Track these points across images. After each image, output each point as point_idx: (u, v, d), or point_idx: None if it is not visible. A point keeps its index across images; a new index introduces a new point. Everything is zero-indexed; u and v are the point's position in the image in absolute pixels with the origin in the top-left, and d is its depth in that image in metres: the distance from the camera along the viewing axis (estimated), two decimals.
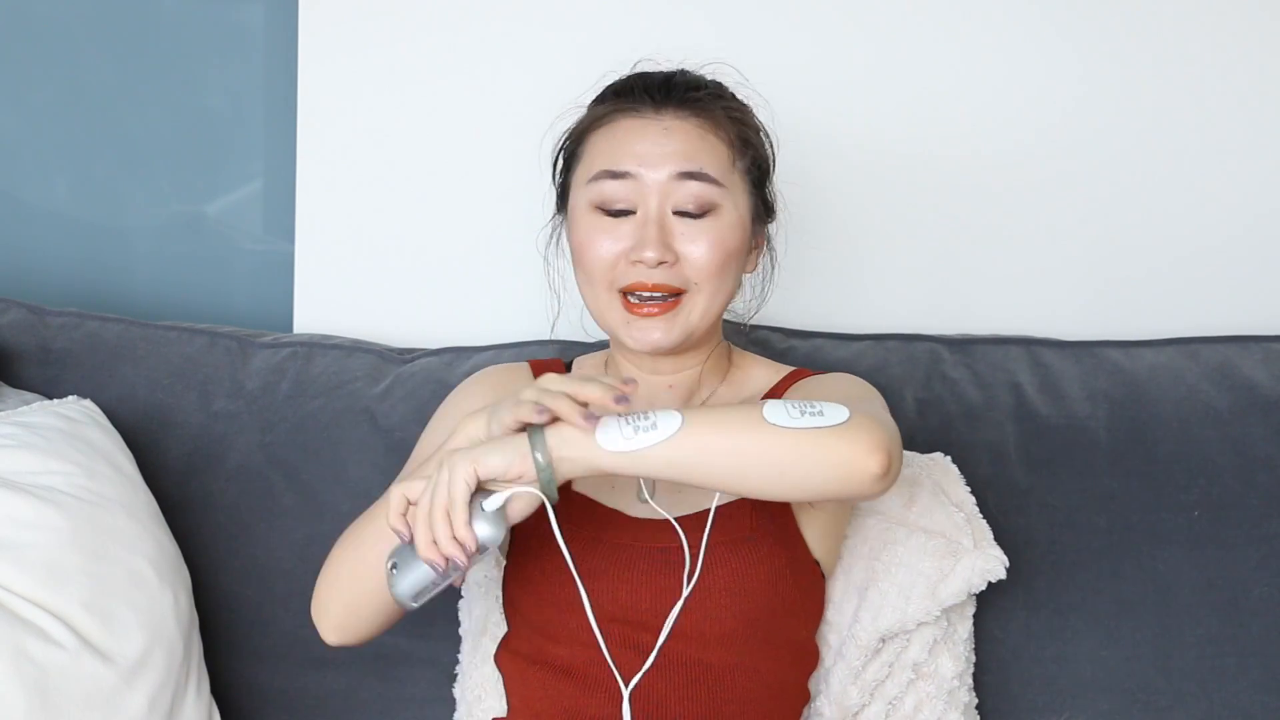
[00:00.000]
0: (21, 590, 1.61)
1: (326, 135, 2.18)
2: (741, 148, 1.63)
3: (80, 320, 2.04)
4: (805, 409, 1.41)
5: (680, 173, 1.58)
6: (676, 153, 1.59)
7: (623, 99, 1.64)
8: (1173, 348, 1.97)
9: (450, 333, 2.12)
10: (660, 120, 1.61)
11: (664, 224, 1.58)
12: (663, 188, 1.59)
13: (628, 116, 1.62)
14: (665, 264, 1.58)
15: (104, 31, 2.27)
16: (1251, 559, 1.84)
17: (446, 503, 1.40)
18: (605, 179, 1.60)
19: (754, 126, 1.67)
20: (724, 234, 1.60)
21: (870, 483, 1.41)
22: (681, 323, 1.61)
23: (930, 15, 2.13)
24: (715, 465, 1.41)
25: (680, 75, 1.66)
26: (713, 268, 1.59)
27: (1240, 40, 2.12)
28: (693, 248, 1.59)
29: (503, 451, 1.41)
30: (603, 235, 1.60)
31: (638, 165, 1.59)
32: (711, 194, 1.59)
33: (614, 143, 1.61)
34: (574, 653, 1.59)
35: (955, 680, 1.73)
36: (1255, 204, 2.14)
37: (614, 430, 1.40)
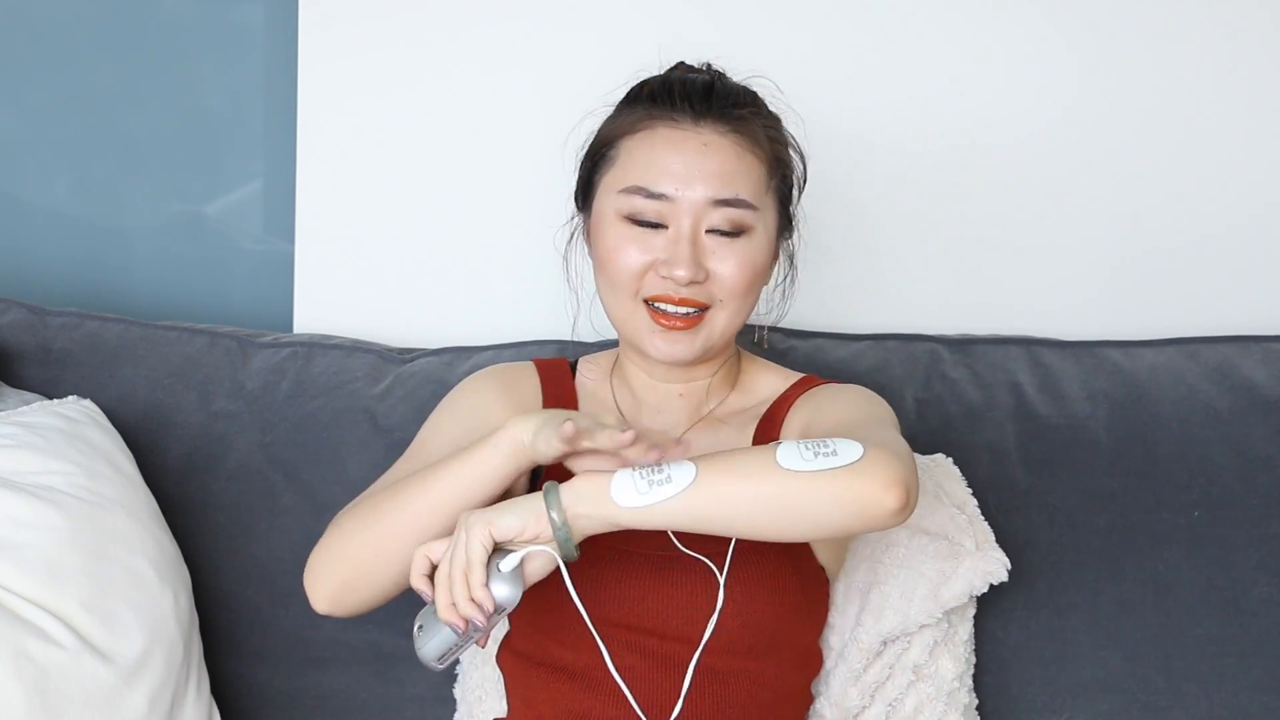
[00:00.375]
0: (21, 590, 1.61)
1: (326, 135, 2.18)
2: (776, 167, 1.63)
3: (80, 320, 2.04)
4: (819, 449, 1.41)
5: (718, 199, 1.57)
6: (714, 174, 1.57)
7: (660, 105, 1.61)
8: (1173, 348, 1.97)
9: (450, 333, 2.12)
10: (699, 134, 1.59)
11: (697, 242, 1.57)
12: (697, 209, 1.57)
13: (666, 126, 1.60)
14: (695, 282, 1.57)
15: (104, 31, 2.26)
16: (1251, 559, 1.84)
17: (465, 565, 1.41)
18: (639, 196, 1.58)
19: (788, 145, 1.66)
20: (754, 254, 1.59)
21: (888, 518, 1.40)
22: (704, 337, 1.60)
23: (927, 16, 2.13)
24: (731, 514, 1.41)
25: (720, 83, 1.63)
26: (741, 287, 1.59)
27: (1240, 40, 2.12)
28: (723, 266, 1.58)
29: (518, 512, 1.42)
30: (632, 245, 1.59)
31: (674, 187, 1.57)
32: (746, 217, 1.59)
33: (651, 155, 1.59)
34: (577, 655, 1.59)
35: (955, 681, 1.73)
36: (1255, 204, 2.14)
37: (628, 485, 1.40)
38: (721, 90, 1.62)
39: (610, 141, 1.63)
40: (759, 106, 1.64)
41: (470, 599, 1.41)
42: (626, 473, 1.41)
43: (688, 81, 1.62)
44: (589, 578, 1.58)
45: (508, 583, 1.43)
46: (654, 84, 1.64)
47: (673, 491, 1.40)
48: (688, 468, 1.41)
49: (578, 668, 1.59)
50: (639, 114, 1.62)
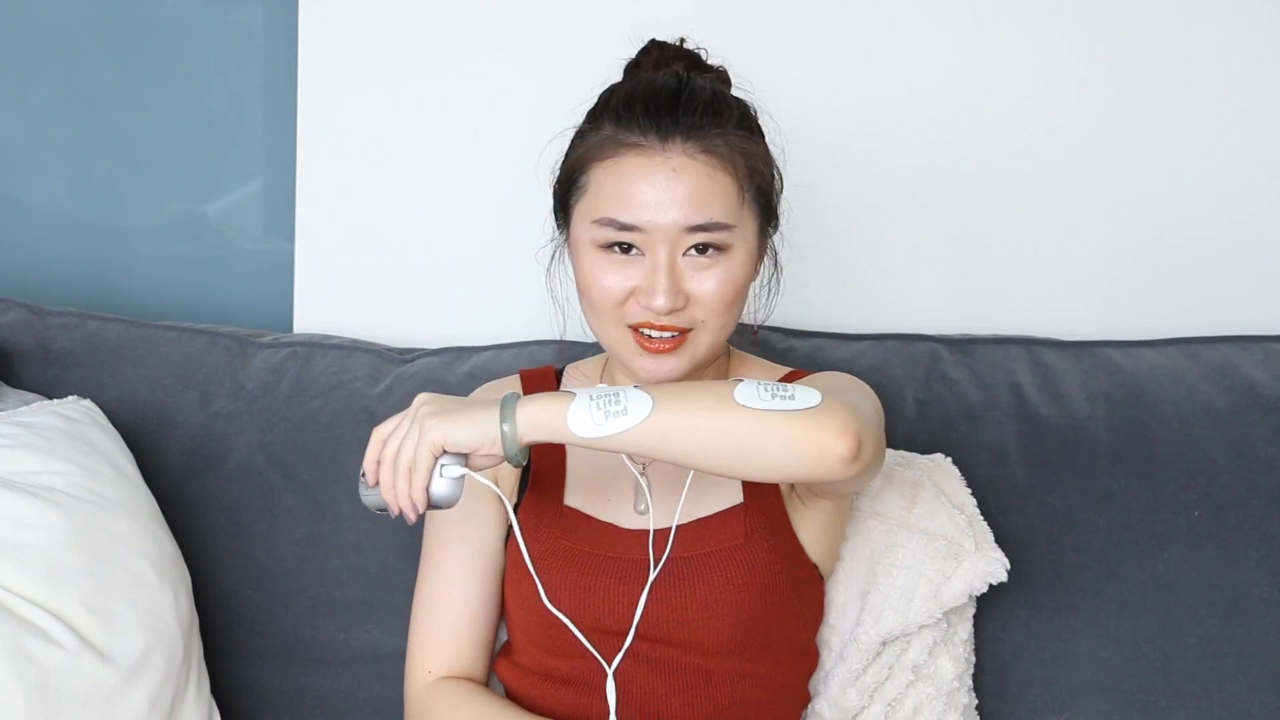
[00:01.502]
0: (21, 590, 1.61)
1: (326, 135, 2.18)
2: (751, 177, 1.58)
3: (80, 320, 2.04)
4: (777, 391, 1.41)
5: (692, 225, 1.54)
6: (685, 200, 1.53)
7: (625, 128, 1.56)
8: (1173, 348, 1.97)
9: (450, 333, 2.12)
10: (668, 159, 1.54)
11: (674, 269, 1.54)
12: (672, 237, 1.54)
13: (633, 154, 1.55)
14: (675, 310, 1.55)
15: (104, 31, 2.26)
16: (1251, 559, 1.84)
17: (409, 463, 1.42)
18: (611, 228, 1.55)
19: (760, 152, 1.60)
20: (734, 272, 1.56)
21: (838, 465, 1.40)
22: (690, 354, 1.58)
23: (930, 16, 2.13)
24: (683, 446, 1.41)
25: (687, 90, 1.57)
26: (722, 305, 1.56)
27: (1240, 40, 2.12)
28: (702, 288, 1.55)
29: (473, 427, 1.42)
30: (610, 274, 1.56)
31: (647, 217, 1.53)
32: (722, 238, 1.55)
33: (620, 186, 1.55)
34: (573, 664, 1.60)
35: (955, 681, 1.73)
36: (1255, 204, 2.14)
37: (585, 415, 1.40)
38: (689, 100, 1.56)
39: (580, 168, 1.59)
40: (725, 112, 1.58)
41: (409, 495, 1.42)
42: (584, 398, 1.41)
43: (652, 93, 1.57)
44: (580, 586, 1.59)
45: (448, 486, 1.44)
46: (619, 98, 1.59)
47: (629, 424, 1.40)
48: (644, 400, 1.41)
49: (574, 676, 1.60)
50: (605, 137, 1.57)
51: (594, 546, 1.60)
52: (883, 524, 1.74)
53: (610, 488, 1.64)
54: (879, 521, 1.75)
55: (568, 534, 1.61)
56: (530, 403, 1.42)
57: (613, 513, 1.63)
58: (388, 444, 1.44)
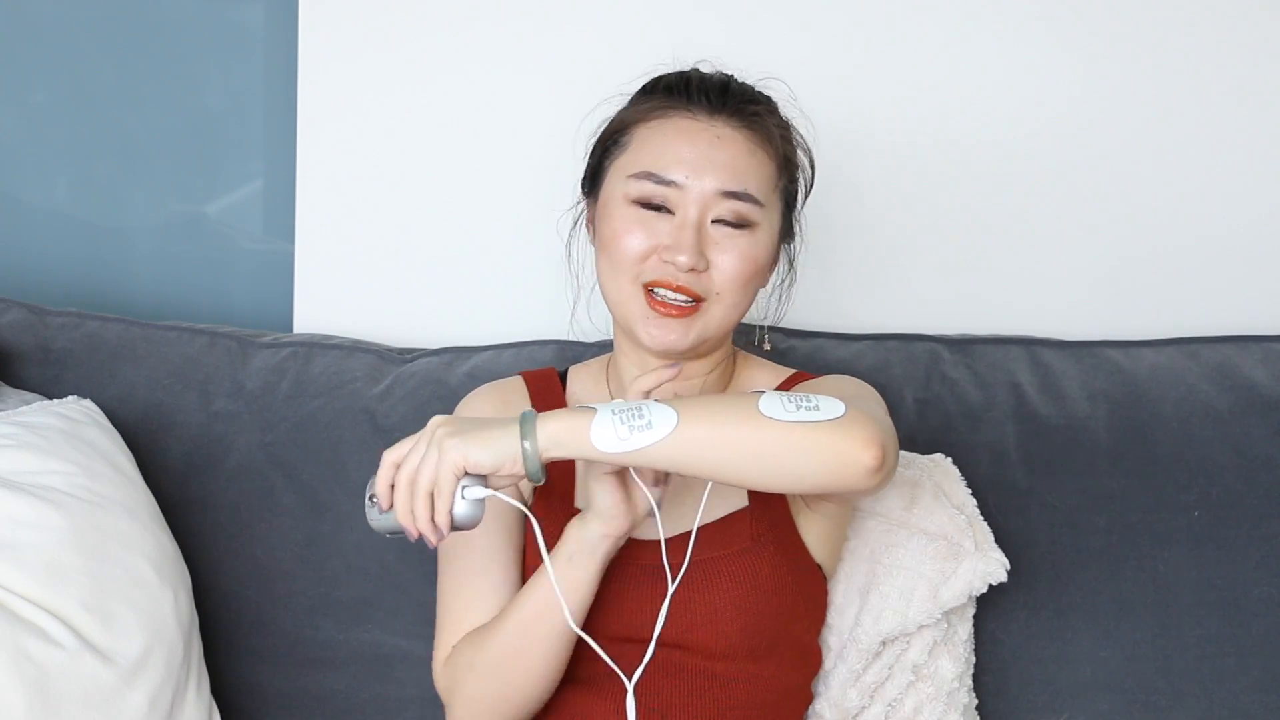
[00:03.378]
0: (21, 590, 1.61)
1: (326, 135, 2.18)
2: (785, 168, 1.64)
3: (80, 320, 2.04)
4: (801, 403, 1.41)
5: (727, 190, 1.58)
6: (725, 166, 1.58)
7: (676, 97, 1.62)
8: (1173, 348, 1.97)
9: (450, 333, 2.12)
10: (713, 127, 1.60)
11: (702, 231, 1.58)
12: (705, 199, 1.58)
13: (681, 116, 1.61)
14: (695, 270, 1.57)
15: (104, 31, 2.26)
16: (1251, 559, 1.84)
17: (430, 486, 1.39)
18: (649, 181, 1.59)
19: (798, 147, 1.67)
20: (756, 250, 1.59)
21: (864, 476, 1.40)
22: (699, 328, 1.59)
23: (932, 19, 2.13)
24: (710, 461, 1.40)
25: (735, 83, 1.65)
26: (739, 280, 1.59)
27: (1240, 40, 2.12)
28: (724, 258, 1.58)
29: (494, 448, 1.39)
30: (638, 228, 1.59)
31: (685, 174, 1.57)
32: (752, 212, 1.59)
33: (664, 143, 1.60)
34: (583, 667, 1.60)
35: (955, 681, 1.73)
36: (1255, 204, 2.14)
37: (609, 429, 1.39)
38: (737, 88, 1.64)
39: (624, 128, 1.64)
40: (773, 107, 1.66)
41: (431, 519, 1.40)
42: (607, 413, 1.40)
43: (705, 78, 1.64)
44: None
45: (470, 507, 1.41)
46: (670, 77, 1.65)
47: (653, 438, 1.38)
48: (669, 414, 1.39)
49: (582, 676, 1.60)
50: (654, 103, 1.63)
51: None
52: (882, 524, 1.75)
53: None
54: (879, 521, 1.75)
55: None
56: (550, 419, 1.40)
57: None
58: (403, 468, 1.41)
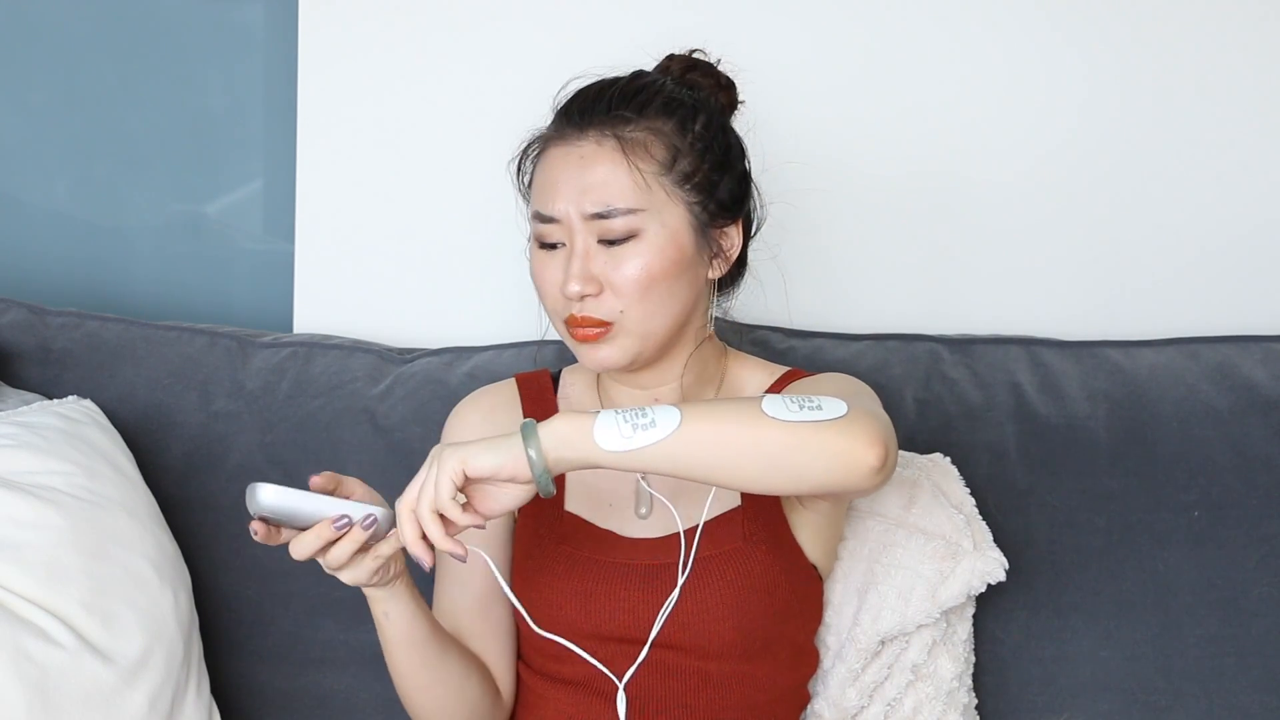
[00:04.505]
0: (21, 590, 1.61)
1: (326, 135, 2.18)
2: (668, 163, 1.58)
3: (80, 320, 2.04)
4: (804, 403, 1.40)
5: (592, 214, 1.56)
6: (588, 189, 1.56)
7: (559, 121, 1.62)
8: (1173, 348, 1.97)
9: (450, 333, 2.12)
10: (580, 147, 1.58)
11: (586, 256, 1.56)
12: (581, 225, 1.57)
13: (556, 145, 1.60)
14: (590, 295, 1.56)
15: (104, 31, 2.27)
16: (1251, 559, 1.84)
17: (434, 503, 1.39)
18: (538, 221, 1.60)
19: (690, 130, 1.60)
20: (647, 257, 1.56)
21: (868, 475, 1.40)
22: (622, 343, 1.58)
23: (932, 15, 2.13)
24: (713, 460, 1.40)
25: (615, 85, 1.61)
26: (636, 293, 1.56)
27: (1239, 39, 2.12)
28: (616, 274, 1.56)
29: (495, 450, 1.39)
30: (543, 268, 1.60)
31: (559, 206, 1.57)
32: (625, 224, 1.56)
33: (544, 178, 1.61)
34: (575, 668, 1.60)
35: (954, 681, 1.73)
36: (1255, 204, 2.14)
37: (612, 428, 1.38)
38: (613, 93, 1.60)
39: (528, 170, 1.65)
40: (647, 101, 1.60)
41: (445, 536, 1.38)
42: (610, 414, 1.39)
43: (587, 91, 1.62)
44: (581, 592, 1.59)
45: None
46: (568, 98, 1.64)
47: (657, 436, 1.38)
48: (672, 413, 1.39)
49: (578, 678, 1.60)
50: (545, 135, 1.63)
51: (595, 552, 1.60)
52: (881, 524, 1.75)
53: (611, 493, 1.64)
54: (877, 521, 1.75)
55: (568, 540, 1.61)
56: (553, 423, 1.40)
57: (614, 519, 1.63)
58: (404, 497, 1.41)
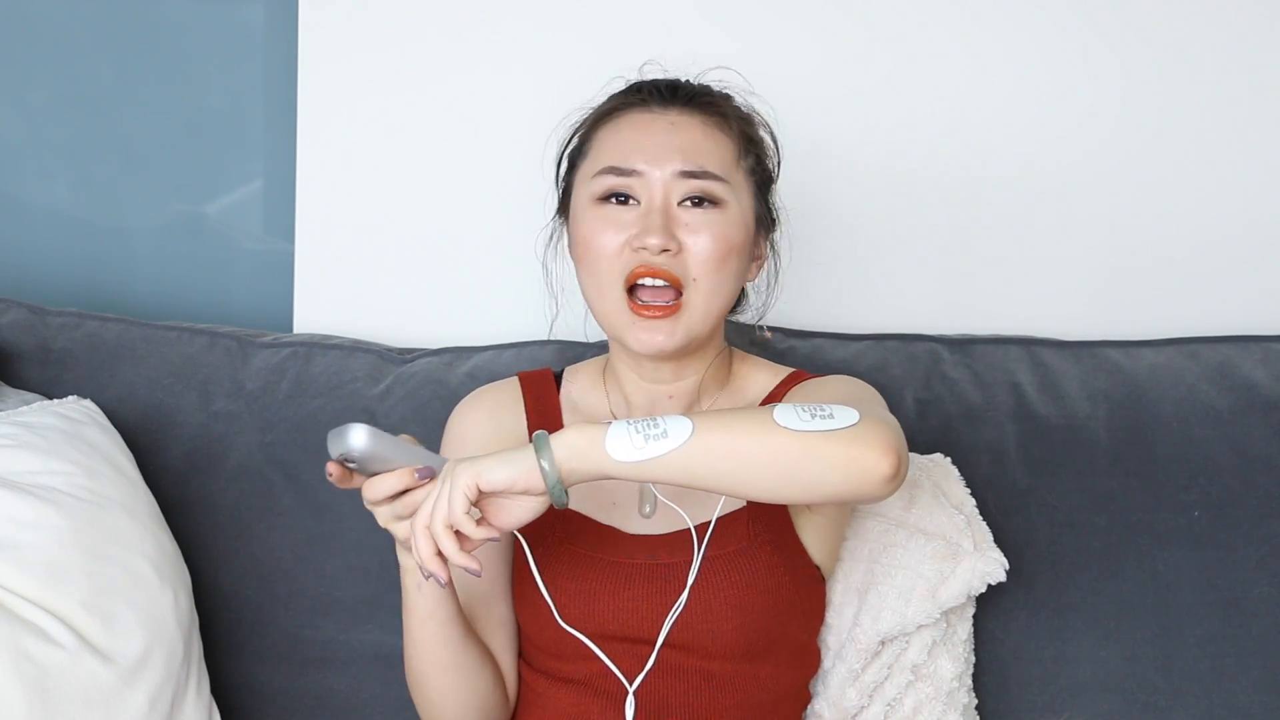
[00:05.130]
0: (21, 590, 1.61)
1: (326, 135, 2.18)
2: (747, 145, 1.64)
3: (80, 320, 2.04)
4: (816, 412, 1.40)
5: (684, 171, 1.58)
6: (682, 148, 1.59)
7: (629, 96, 1.65)
8: (1173, 348, 1.97)
9: (450, 333, 2.12)
10: (667, 115, 1.61)
11: (668, 213, 1.58)
12: (667, 183, 1.58)
13: (634, 111, 1.63)
14: (668, 252, 1.56)
15: (104, 31, 2.27)
16: (1251, 559, 1.84)
17: (448, 518, 1.39)
18: (611, 175, 1.59)
19: (759, 128, 1.68)
20: (727, 228, 1.59)
21: (880, 484, 1.39)
22: (684, 325, 1.58)
23: (932, 18, 2.13)
24: (726, 470, 1.39)
25: (687, 82, 1.66)
26: (714, 260, 1.58)
27: (1240, 41, 2.12)
28: (695, 239, 1.57)
29: (508, 463, 1.39)
30: (607, 225, 1.59)
31: (644, 162, 1.58)
32: (715, 189, 1.59)
33: (620, 138, 1.61)
34: (577, 666, 1.60)
35: (954, 681, 1.73)
36: (1255, 204, 2.14)
37: (624, 439, 1.38)
38: (689, 85, 1.66)
39: (584, 137, 1.66)
40: (727, 96, 1.67)
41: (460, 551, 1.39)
42: (622, 425, 1.39)
43: (656, 80, 1.66)
44: (585, 591, 1.59)
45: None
46: (625, 87, 1.67)
47: (669, 446, 1.38)
48: (684, 423, 1.39)
49: (579, 677, 1.60)
50: (609, 106, 1.65)
51: (600, 551, 1.60)
52: (881, 524, 1.75)
53: (615, 490, 1.64)
54: (877, 521, 1.75)
55: (573, 538, 1.61)
56: (566, 434, 1.40)
57: (618, 517, 1.63)
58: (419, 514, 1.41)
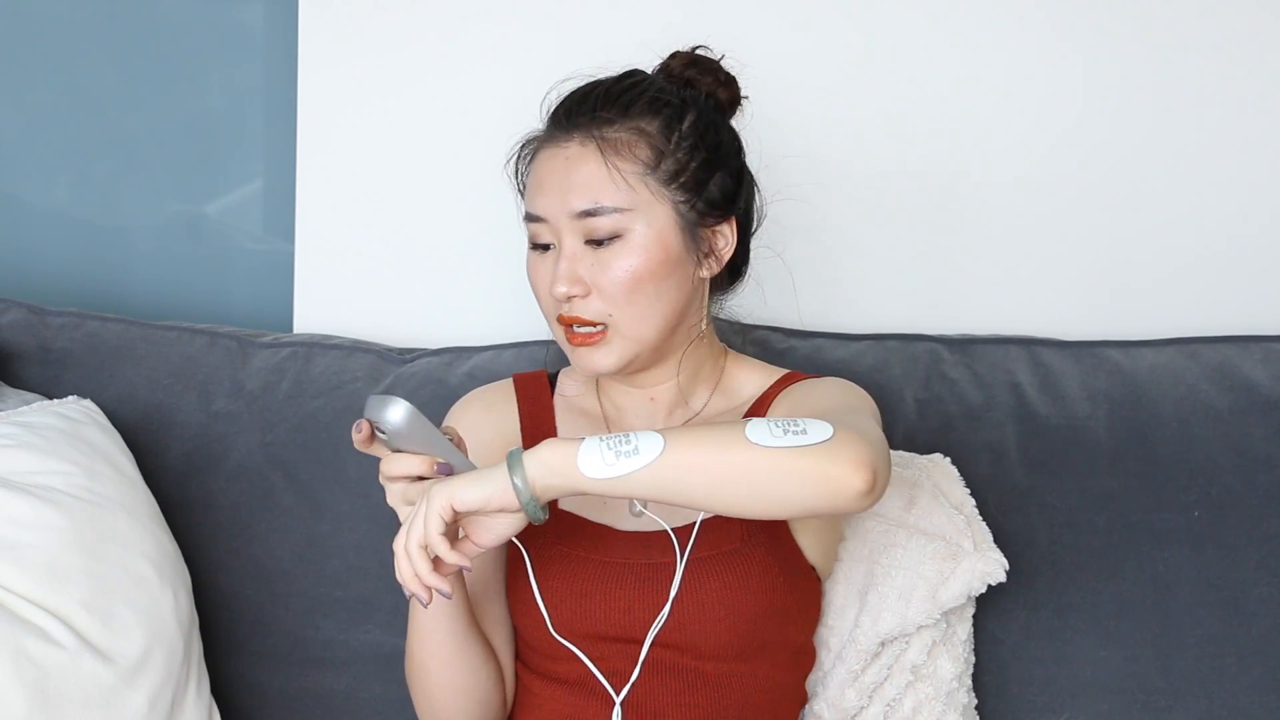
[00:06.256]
0: (21, 590, 1.61)
1: (326, 135, 2.18)
2: (654, 161, 1.58)
3: (80, 320, 2.04)
4: (788, 427, 1.39)
5: (580, 211, 1.57)
6: (574, 187, 1.57)
7: (549, 122, 1.64)
8: (1173, 348, 1.97)
9: (450, 333, 2.12)
10: (565, 149, 1.59)
11: (574, 257, 1.58)
12: (568, 225, 1.58)
13: (545, 147, 1.62)
14: (577, 297, 1.57)
15: (104, 31, 2.27)
16: (1251, 559, 1.84)
17: (423, 539, 1.40)
18: (529, 221, 1.62)
19: (677, 128, 1.60)
20: (633, 258, 1.57)
21: (854, 499, 1.38)
22: (618, 348, 1.59)
23: (931, 15, 2.13)
24: (697, 486, 1.39)
25: (600, 86, 1.62)
26: (622, 294, 1.57)
27: (1239, 39, 2.12)
28: (602, 276, 1.57)
29: (482, 483, 1.40)
30: (536, 270, 1.62)
31: (544, 207, 1.59)
32: (612, 223, 1.57)
33: (534, 180, 1.62)
34: (571, 668, 1.60)
35: (954, 681, 1.73)
36: (1255, 204, 2.14)
37: (595, 455, 1.39)
38: (599, 94, 1.61)
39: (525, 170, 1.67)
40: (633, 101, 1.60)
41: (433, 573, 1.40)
42: (594, 442, 1.40)
43: (574, 94, 1.63)
44: (576, 592, 1.59)
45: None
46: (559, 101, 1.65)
47: (641, 463, 1.38)
48: (655, 440, 1.39)
49: (574, 678, 1.60)
50: (535, 140, 1.65)
51: (590, 551, 1.60)
52: (881, 524, 1.75)
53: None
54: (877, 522, 1.75)
55: (564, 538, 1.61)
56: (539, 450, 1.40)
57: (609, 516, 1.63)
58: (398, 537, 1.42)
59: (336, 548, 1.90)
